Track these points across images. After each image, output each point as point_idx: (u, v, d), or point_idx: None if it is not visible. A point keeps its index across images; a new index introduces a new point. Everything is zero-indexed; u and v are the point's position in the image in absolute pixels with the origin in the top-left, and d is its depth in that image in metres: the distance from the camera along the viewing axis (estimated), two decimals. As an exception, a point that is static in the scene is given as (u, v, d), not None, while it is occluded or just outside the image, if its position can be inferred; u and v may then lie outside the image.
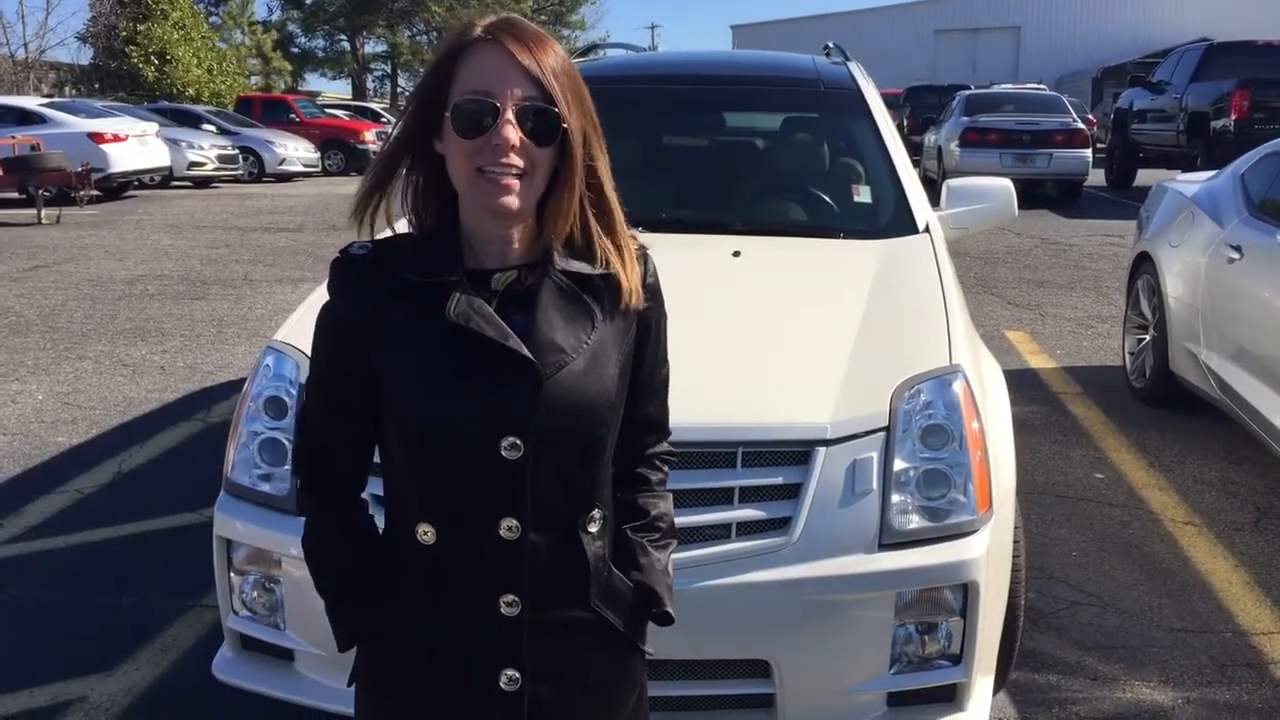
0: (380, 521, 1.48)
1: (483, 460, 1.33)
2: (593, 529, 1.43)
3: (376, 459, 1.46)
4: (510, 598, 1.37)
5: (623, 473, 1.53)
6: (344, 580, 1.46)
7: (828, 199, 3.84)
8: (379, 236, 1.42)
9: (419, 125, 1.38)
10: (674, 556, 2.24)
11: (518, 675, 1.38)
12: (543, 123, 1.32)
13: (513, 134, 1.30)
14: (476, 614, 1.38)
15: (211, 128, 22.31)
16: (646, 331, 1.47)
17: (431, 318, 1.33)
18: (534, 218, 1.39)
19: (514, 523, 1.35)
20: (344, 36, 48.33)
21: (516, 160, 1.31)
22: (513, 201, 1.32)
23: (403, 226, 1.44)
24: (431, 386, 1.33)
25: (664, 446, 1.60)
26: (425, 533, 1.37)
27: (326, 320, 1.41)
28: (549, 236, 1.38)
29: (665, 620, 1.51)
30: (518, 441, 1.32)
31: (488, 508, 1.35)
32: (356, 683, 1.48)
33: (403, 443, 1.37)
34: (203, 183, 20.75)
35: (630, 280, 1.41)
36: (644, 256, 1.47)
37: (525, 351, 1.33)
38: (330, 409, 1.43)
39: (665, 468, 1.60)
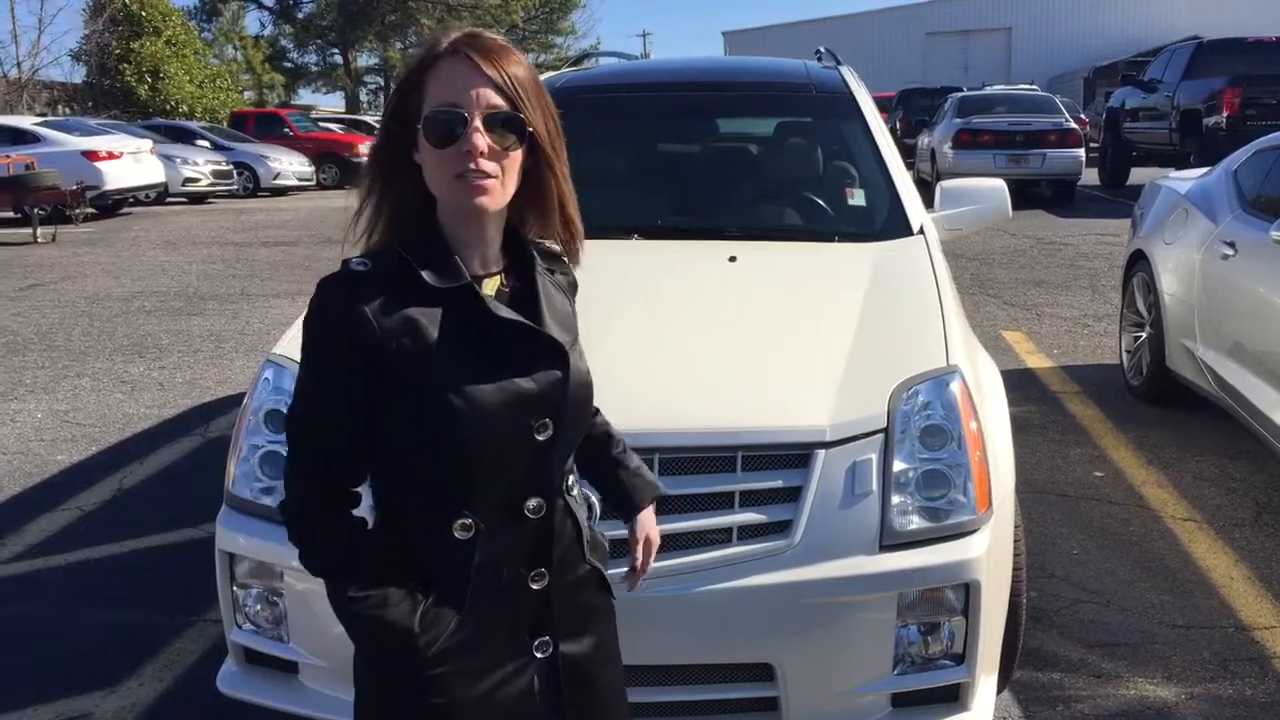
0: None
1: (519, 445, 1.42)
2: (575, 492, 1.58)
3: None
4: (539, 570, 1.47)
5: None
6: (384, 578, 1.42)
7: (822, 203, 3.85)
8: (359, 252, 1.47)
9: (395, 139, 1.44)
10: (676, 561, 2.27)
11: (549, 640, 1.51)
12: (510, 128, 1.41)
13: (481, 141, 1.38)
14: (508, 593, 1.46)
15: (206, 144, 22.34)
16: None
17: (458, 318, 1.41)
18: (505, 221, 1.49)
19: (540, 501, 1.45)
20: (336, 50, 48.40)
21: (487, 165, 1.39)
22: (488, 201, 1.41)
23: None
24: (473, 382, 1.40)
25: None
26: (465, 527, 1.42)
27: (342, 334, 1.38)
28: (533, 233, 1.52)
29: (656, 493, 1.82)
30: (549, 422, 1.44)
31: (515, 490, 1.44)
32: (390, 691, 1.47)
33: (433, 443, 1.40)
34: (198, 199, 20.77)
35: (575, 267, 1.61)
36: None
37: (559, 338, 1.46)
38: (339, 421, 1.41)
39: None
